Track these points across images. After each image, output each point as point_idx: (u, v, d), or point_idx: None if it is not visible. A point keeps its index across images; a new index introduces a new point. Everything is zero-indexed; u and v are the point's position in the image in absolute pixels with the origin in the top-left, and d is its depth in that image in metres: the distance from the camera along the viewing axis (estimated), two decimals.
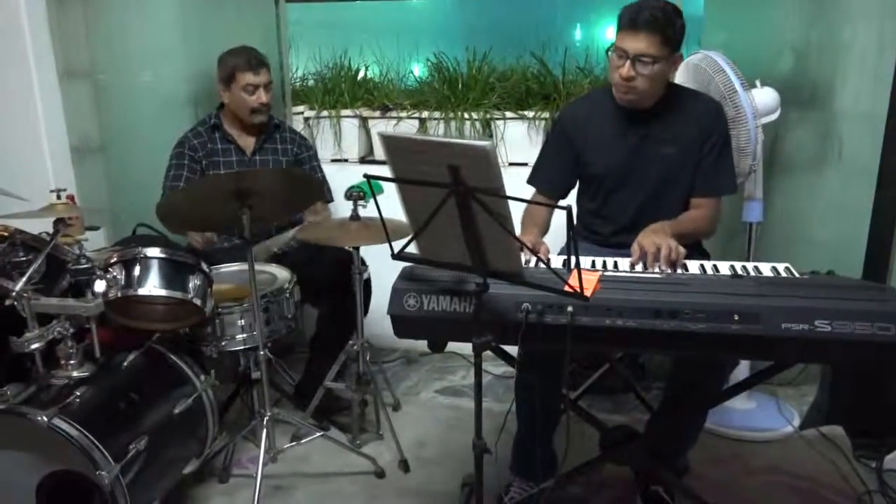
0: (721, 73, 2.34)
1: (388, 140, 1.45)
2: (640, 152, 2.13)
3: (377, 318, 2.63)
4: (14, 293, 1.83)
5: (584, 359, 2.65)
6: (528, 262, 1.74)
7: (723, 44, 2.67)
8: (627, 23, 1.96)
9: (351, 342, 2.48)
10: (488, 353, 1.62)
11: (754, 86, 2.42)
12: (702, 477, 2.27)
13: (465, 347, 3.17)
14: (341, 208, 2.74)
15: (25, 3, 3.02)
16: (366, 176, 1.54)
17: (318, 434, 2.33)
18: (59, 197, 2.04)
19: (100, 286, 1.94)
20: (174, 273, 2.00)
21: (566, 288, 1.43)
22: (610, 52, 2.03)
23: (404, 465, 2.40)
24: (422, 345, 3.22)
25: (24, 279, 1.85)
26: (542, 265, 1.73)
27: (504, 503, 2.13)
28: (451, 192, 1.41)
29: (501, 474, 2.17)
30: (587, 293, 1.44)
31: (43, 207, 2.04)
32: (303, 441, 2.34)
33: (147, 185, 3.01)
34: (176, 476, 2.10)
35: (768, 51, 2.68)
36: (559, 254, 2.07)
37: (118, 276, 1.95)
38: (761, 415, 2.64)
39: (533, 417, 2.09)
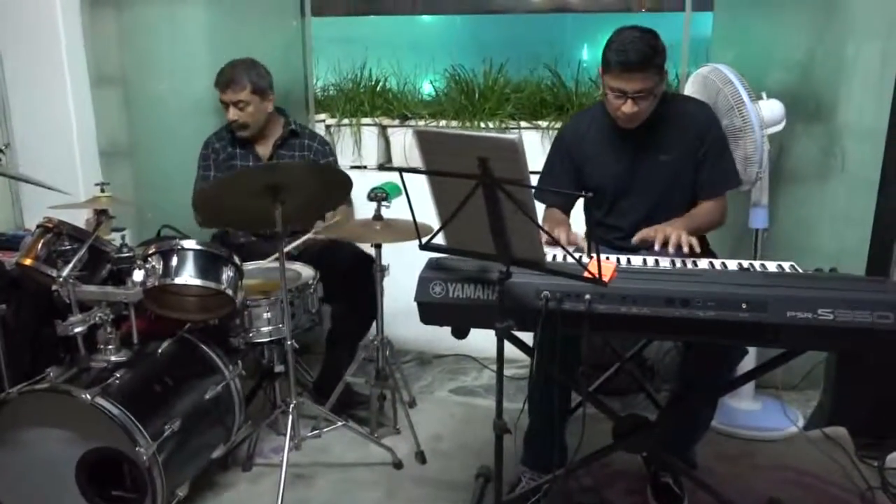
0: (729, 84, 2.46)
1: (421, 135, 1.56)
2: (639, 162, 2.24)
3: (392, 320, 2.73)
4: (61, 279, 1.94)
5: (594, 359, 2.74)
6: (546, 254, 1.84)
7: (730, 61, 2.77)
8: (618, 66, 2.04)
9: (371, 338, 2.58)
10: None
11: (761, 98, 2.53)
12: (710, 471, 2.34)
13: (477, 350, 3.31)
14: (362, 210, 2.84)
15: (62, 13, 3.17)
16: (399, 169, 1.65)
17: (339, 423, 2.42)
18: (102, 190, 2.15)
19: (138, 275, 2.04)
20: (209, 264, 2.11)
21: (586, 274, 1.53)
22: (606, 86, 2.12)
23: (421, 457, 2.49)
24: (435, 347, 3.37)
25: (69, 266, 1.96)
26: (561, 256, 1.84)
27: (515, 492, 2.21)
28: (479, 182, 1.52)
29: (515, 467, 2.25)
30: (605, 279, 1.54)
31: (88, 199, 2.16)
32: (325, 430, 2.43)
33: (172, 189, 3.14)
34: (205, 460, 2.19)
35: (774, 68, 2.78)
36: (575, 251, 2.17)
37: (156, 266, 2.06)
38: (767, 416, 2.72)
39: (545, 409, 2.17)
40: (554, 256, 1.88)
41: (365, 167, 3.38)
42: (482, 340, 2.94)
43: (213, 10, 3.25)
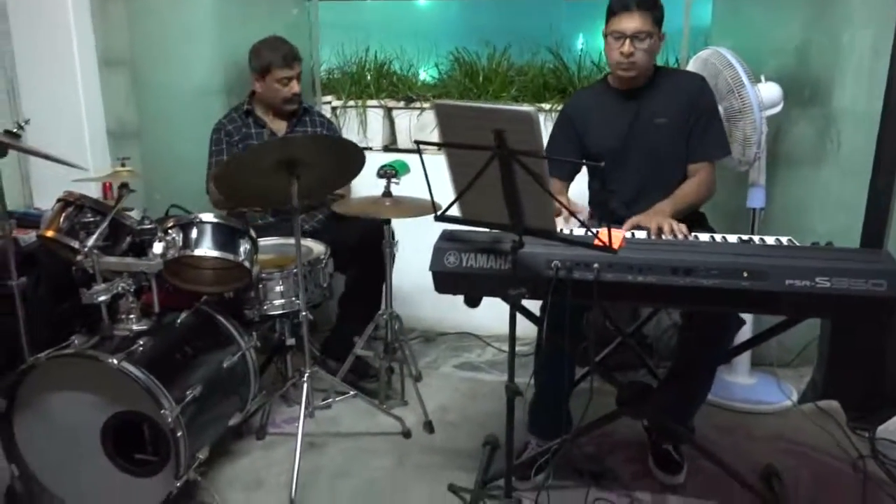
0: (729, 67, 2.54)
1: (439, 107, 1.63)
2: (636, 127, 2.35)
3: (398, 297, 2.80)
4: (86, 249, 2.00)
5: (595, 336, 2.81)
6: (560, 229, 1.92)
7: (729, 47, 2.84)
8: (620, 7, 2.21)
9: (380, 312, 2.65)
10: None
11: (759, 80, 2.61)
12: (708, 441, 2.42)
13: (481, 327, 3.39)
14: (371, 189, 2.89)
15: None
16: (416, 142, 1.72)
17: (350, 393, 2.50)
18: (123, 164, 2.20)
19: (158, 247, 2.11)
20: (227, 237, 2.18)
21: (596, 242, 1.61)
22: (607, 37, 2.26)
23: (429, 427, 2.57)
24: (439, 325, 3.45)
25: (94, 237, 2.02)
26: (573, 227, 1.92)
27: (523, 457, 2.29)
28: (495, 154, 1.59)
29: (521, 437, 2.33)
30: (614, 247, 1.62)
31: (108, 174, 2.22)
32: (336, 400, 2.50)
33: (180, 169, 3.20)
34: (222, 426, 2.26)
35: (771, 54, 2.85)
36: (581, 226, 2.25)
37: (176, 238, 2.13)
38: (762, 390, 2.81)
39: (551, 380, 2.25)
40: (561, 230, 1.96)
41: (370, 148, 3.44)
42: (485, 318, 3.02)
43: None
